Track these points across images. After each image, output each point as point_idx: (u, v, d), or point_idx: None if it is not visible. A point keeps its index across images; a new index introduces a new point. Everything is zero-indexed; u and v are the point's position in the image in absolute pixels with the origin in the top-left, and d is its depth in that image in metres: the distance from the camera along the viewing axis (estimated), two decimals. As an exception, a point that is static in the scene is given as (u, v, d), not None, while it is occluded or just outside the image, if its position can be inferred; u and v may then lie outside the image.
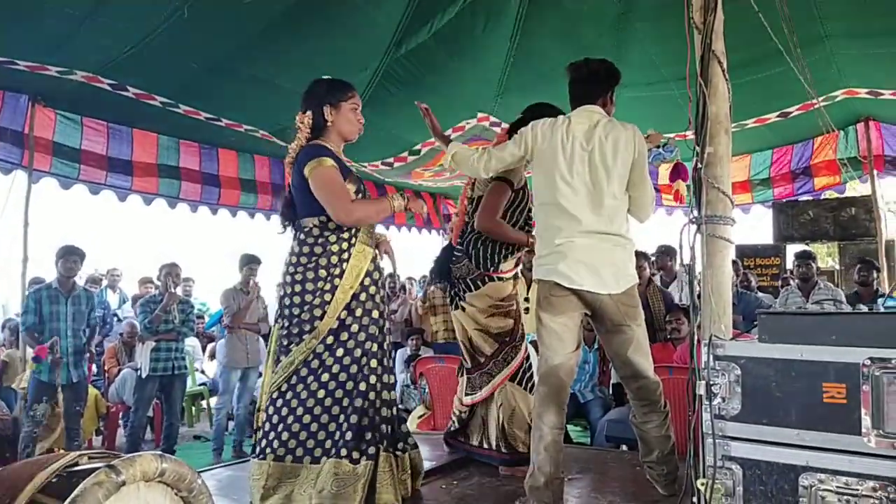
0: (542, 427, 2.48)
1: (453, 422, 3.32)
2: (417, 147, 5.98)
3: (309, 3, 3.73)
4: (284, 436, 2.41)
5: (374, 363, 2.50)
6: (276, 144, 5.41)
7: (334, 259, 2.48)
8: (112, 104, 4.48)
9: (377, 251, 2.66)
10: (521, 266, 3.31)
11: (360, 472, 2.36)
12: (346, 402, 2.43)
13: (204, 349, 7.67)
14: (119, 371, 6.25)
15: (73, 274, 4.95)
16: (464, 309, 3.13)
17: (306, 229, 2.54)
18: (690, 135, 2.34)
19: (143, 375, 5.32)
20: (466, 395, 3.17)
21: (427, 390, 4.80)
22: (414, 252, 9.23)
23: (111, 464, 1.45)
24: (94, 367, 6.54)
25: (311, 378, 2.45)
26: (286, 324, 2.52)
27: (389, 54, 4.41)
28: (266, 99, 4.68)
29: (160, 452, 1.61)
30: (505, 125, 5.50)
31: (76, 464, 1.57)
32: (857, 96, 5.51)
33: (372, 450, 2.41)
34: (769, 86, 4.92)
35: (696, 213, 2.25)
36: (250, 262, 5.99)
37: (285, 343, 2.51)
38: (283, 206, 2.72)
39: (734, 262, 6.64)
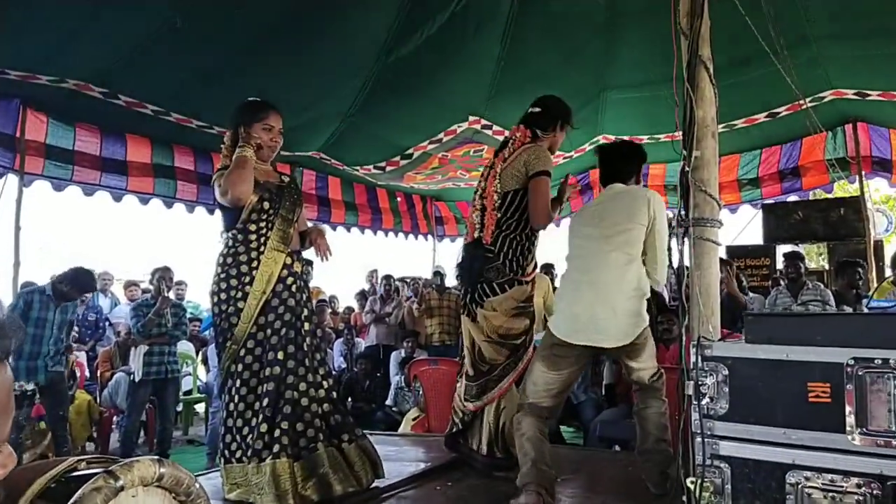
0: (521, 428, 2.66)
1: (455, 423, 3.26)
2: (409, 151, 6.01)
3: (300, 12, 3.74)
4: (226, 439, 2.64)
5: (291, 364, 2.64)
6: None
7: (244, 268, 2.65)
8: (104, 112, 4.48)
9: (294, 257, 2.77)
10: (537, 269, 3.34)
11: (266, 472, 2.49)
12: (256, 405, 2.61)
13: (198, 353, 7.66)
14: (112, 375, 6.23)
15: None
16: (475, 319, 3.07)
17: (224, 242, 2.73)
18: (679, 136, 2.38)
19: (137, 379, 5.31)
20: (468, 400, 3.13)
21: (421, 392, 4.82)
22: (403, 255, 9.27)
23: (109, 469, 1.46)
24: (86, 372, 6.52)
25: (235, 382, 2.64)
26: (215, 335, 2.76)
27: (381, 61, 4.43)
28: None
29: (158, 457, 1.62)
30: (498, 127, 5.56)
31: (74, 469, 1.57)
32: (844, 97, 5.56)
33: (277, 448, 2.52)
34: (758, 86, 4.97)
35: (683, 215, 2.29)
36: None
37: (218, 355, 2.74)
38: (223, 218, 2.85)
39: (726, 262, 6.72)
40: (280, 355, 2.62)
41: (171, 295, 6.00)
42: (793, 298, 5.18)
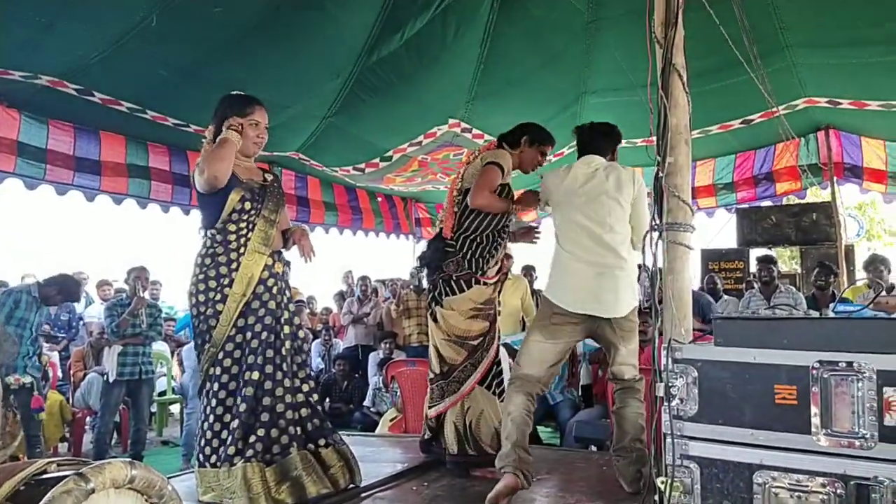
0: (509, 407, 2.70)
1: (426, 430, 3.32)
2: (389, 154, 6.01)
3: (280, 10, 3.73)
4: (202, 442, 2.59)
5: (269, 369, 2.59)
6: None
7: (223, 269, 2.59)
8: (78, 108, 4.41)
9: (275, 258, 2.73)
10: (501, 272, 3.37)
11: (237, 475, 2.47)
12: (234, 410, 2.56)
13: (173, 353, 7.57)
14: (85, 375, 6.14)
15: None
16: (436, 318, 3.16)
17: (203, 243, 2.67)
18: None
19: (111, 380, 5.25)
20: (430, 406, 3.21)
21: (399, 393, 4.82)
22: (383, 256, 9.25)
23: (80, 471, 1.45)
24: (59, 372, 6.42)
25: (214, 385, 2.59)
26: (194, 336, 2.69)
27: (361, 61, 4.42)
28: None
29: (129, 459, 1.61)
30: (477, 131, 5.59)
31: (44, 471, 1.56)
32: (817, 105, 5.68)
33: (250, 453, 2.50)
34: (733, 93, 5.05)
35: (657, 220, 2.33)
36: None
37: (197, 356, 2.68)
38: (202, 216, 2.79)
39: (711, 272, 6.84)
40: (259, 360, 2.57)
41: (146, 295, 5.94)
42: (766, 301, 5.27)
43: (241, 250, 2.61)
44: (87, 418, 6.02)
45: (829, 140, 6.42)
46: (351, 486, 2.74)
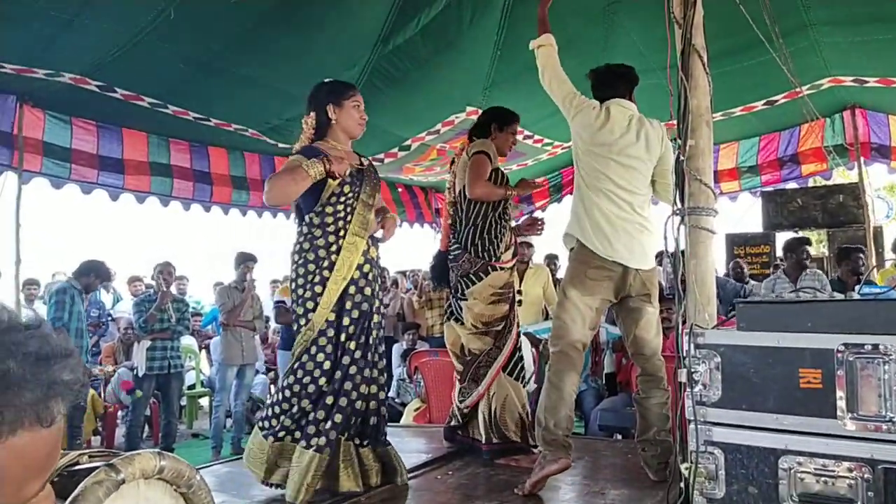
0: (561, 388, 2.65)
1: (455, 416, 3.36)
2: (407, 143, 6.00)
3: (296, 1, 3.74)
4: (283, 419, 2.56)
5: (358, 355, 2.59)
6: (266, 142, 5.43)
7: (322, 253, 2.56)
8: (100, 105, 4.47)
9: (370, 243, 2.69)
10: (517, 258, 3.46)
11: (304, 460, 2.47)
12: (329, 394, 2.55)
13: (200, 348, 7.70)
14: (115, 371, 6.27)
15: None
16: (458, 319, 3.21)
17: (300, 229, 2.65)
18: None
19: (140, 374, 5.36)
20: (460, 401, 3.25)
21: (422, 384, 4.85)
22: (405, 246, 9.25)
23: (110, 462, 1.48)
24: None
25: (310, 364, 2.56)
26: (293, 320, 2.67)
27: (377, 50, 4.42)
28: (255, 98, 4.69)
29: (158, 450, 1.65)
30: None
31: (76, 463, 1.59)
32: (842, 84, 5.55)
33: (324, 441, 2.50)
34: (755, 74, 4.95)
35: (679, 204, 2.30)
36: (246, 260, 6.03)
37: (293, 337, 2.67)
38: (294, 204, 2.77)
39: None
40: (352, 345, 2.57)
41: (173, 290, 6.05)
42: (792, 284, 5.19)
43: (342, 233, 2.59)
44: (119, 412, 6.16)
45: (856, 119, 6.27)
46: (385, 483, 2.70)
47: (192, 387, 7.33)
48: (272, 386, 7.40)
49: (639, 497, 2.52)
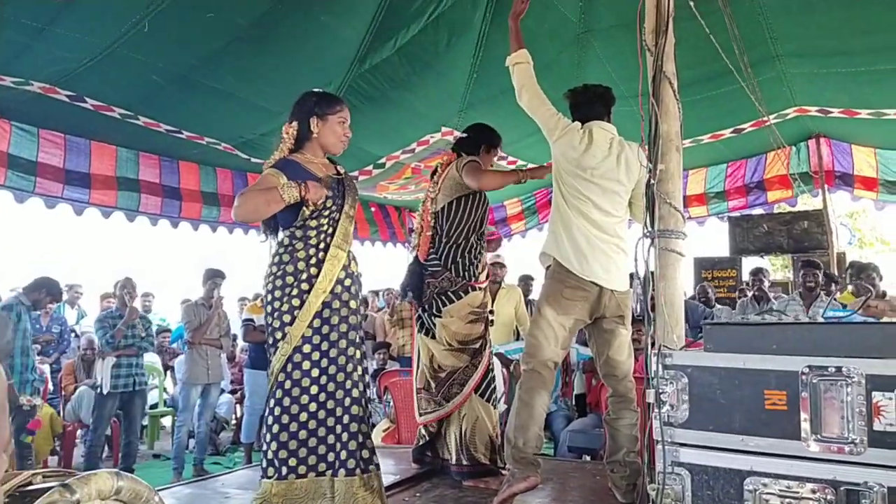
0: (532, 405, 2.65)
1: (423, 436, 3.33)
2: (382, 161, 6.01)
3: (273, 18, 3.73)
4: (282, 453, 2.37)
5: (350, 368, 2.46)
6: (239, 157, 5.38)
7: (301, 265, 2.47)
8: (70, 115, 4.39)
9: (350, 256, 2.60)
10: (489, 278, 3.48)
11: (374, 485, 2.39)
12: (339, 411, 2.41)
13: (165, 367, 7.54)
14: (76, 388, 6.09)
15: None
16: (431, 333, 3.17)
17: (280, 240, 2.56)
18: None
19: (104, 392, 5.22)
20: (422, 414, 3.21)
21: (392, 404, 4.80)
22: (378, 265, 9.22)
23: (65, 482, 1.44)
24: (49, 385, 6.36)
25: (295, 389, 2.40)
26: (266, 335, 2.54)
27: (354, 69, 4.43)
28: (229, 112, 4.65)
29: (116, 470, 1.59)
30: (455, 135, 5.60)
31: (29, 483, 1.54)
32: (807, 114, 5.72)
33: (312, 461, 2.38)
34: (724, 103, 5.08)
35: (649, 227, 2.33)
36: (214, 276, 5.94)
37: (270, 357, 2.49)
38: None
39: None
40: (342, 360, 2.44)
41: (138, 306, 5.93)
42: (804, 308, 5.26)
43: (322, 246, 2.50)
44: (78, 431, 5.97)
45: (820, 148, 6.47)
46: None
47: (154, 406, 7.15)
48: (238, 406, 7.26)
49: (607, 519, 2.51)
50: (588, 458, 4.11)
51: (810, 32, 4.40)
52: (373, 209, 8.04)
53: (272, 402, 2.42)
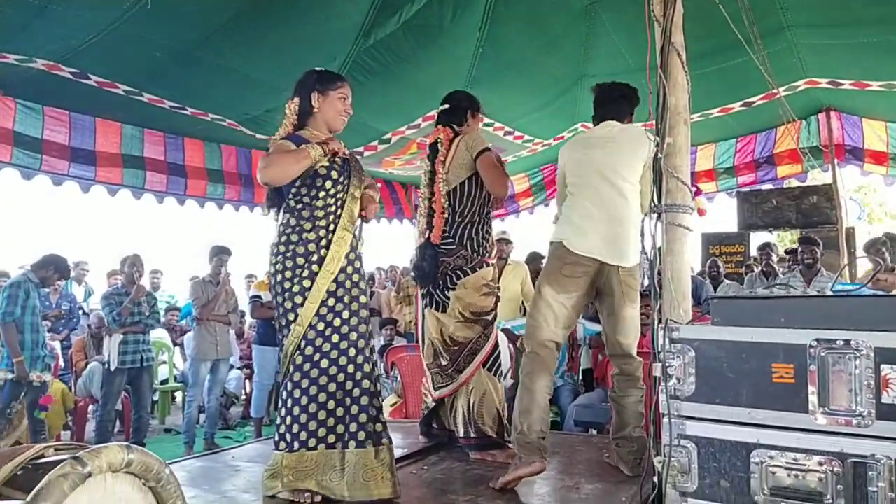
0: (533, 390, 2.64)
1: (427, 406, 3.37)
2: (387, 136, 5.97)
3: (275, -7, 3.69)
4: (295, 428, 2.41)
5: (362, 344, 2.49)
6: (243, 134, 5.36)
7: (311, 247, 2.48)
8: (74, 92, 4.37)
9: (357, 236, 2.61)
10: (497, 254, 3.54)
11: (384, 458, 2.41)
12: (349, 385, 2.44)
13: (174, 343, 7.61)
14: (86, 364, 6.17)
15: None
16: (441, 306, 3.16)
17: (286, 220, 2.55)
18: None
19: (112, 368, 5.28)
20: (437, 388, 3.23)
21: (399, 379, 4.83)
22: (384, 242, 9.23)
23: (76, 455, 1.45)
24: (61, 362, 6.44)
25: (307, 366, 2.43)
26: (277, 316, 2.54)
27: (358, 44, 4.38)
28: (233, 88, 4.63)
29: (127, 444, 1.61)
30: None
31: (42, 456, 1.56)
32: (818, 86, 5.64)
33: (333, 438, 2.41)
34: (733, 75, 5.01)
35: (656, 201, 2.31)
36: (220, 253, 5.96)
37: (280, 338, 2.52)
38: (269, 190, 2.68)
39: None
40: (354, 336, 2.47)
41: (146, 282, 5.97)
42: (805, 285, 5.27)
43: (331, 226, 2.51)
44: (90, 407, 6.06)
45: (831, 121, 6.38)
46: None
47: (164, 381, 7.24)
48: (247, 381, 7.33)
49: (613, 491, 2.53)
50: (594, 431, 4.13)
51: (821, 2, 4.33)
52: (378, 185, 8.00)
53: (288, 382, 2.45)
